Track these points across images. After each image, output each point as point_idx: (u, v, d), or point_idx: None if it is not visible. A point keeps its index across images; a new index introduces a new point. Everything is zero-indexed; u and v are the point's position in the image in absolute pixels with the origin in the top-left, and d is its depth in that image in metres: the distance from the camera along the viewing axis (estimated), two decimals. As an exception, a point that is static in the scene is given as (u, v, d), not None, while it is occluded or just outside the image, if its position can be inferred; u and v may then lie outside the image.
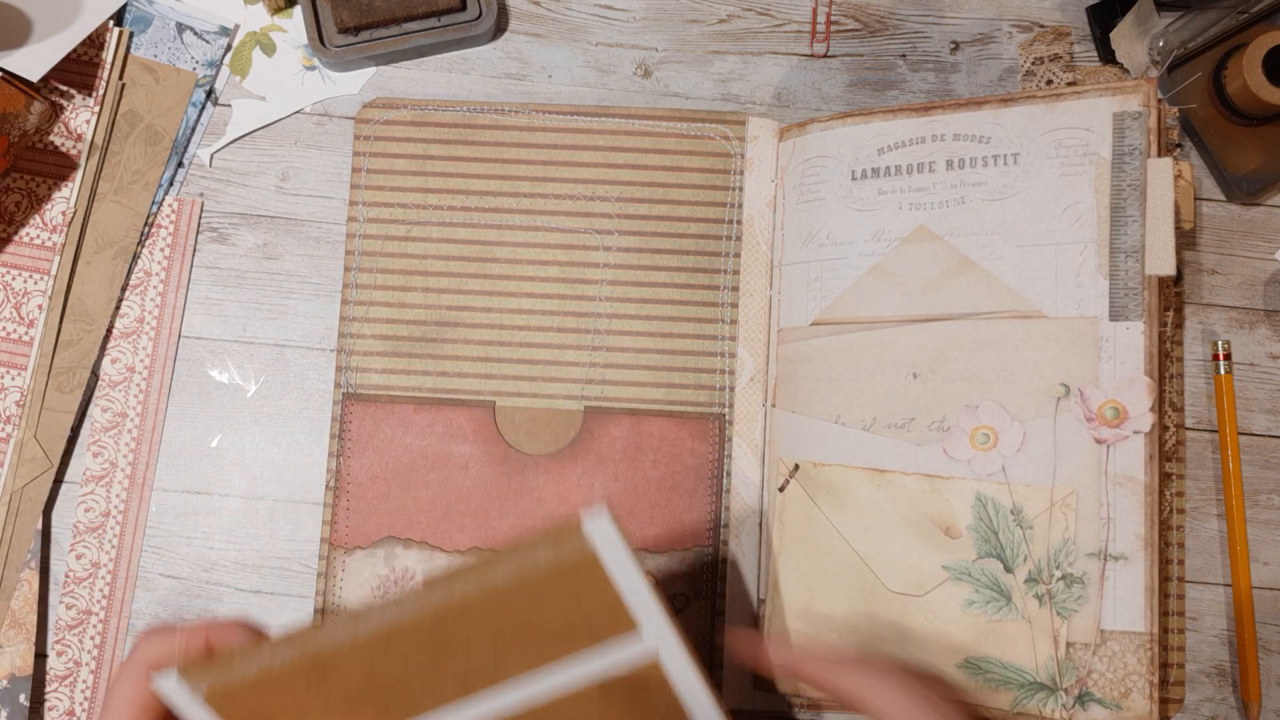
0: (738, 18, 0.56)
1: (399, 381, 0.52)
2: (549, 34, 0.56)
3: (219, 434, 0.53)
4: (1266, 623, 0.51)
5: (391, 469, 0.51)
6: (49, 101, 0.53)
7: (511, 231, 0.53)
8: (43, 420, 0.51)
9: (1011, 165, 0.49)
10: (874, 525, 0.48)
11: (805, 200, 0.52)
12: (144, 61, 0.54)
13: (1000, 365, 0.47)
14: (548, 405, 0.52)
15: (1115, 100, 0.47)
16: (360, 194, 0.53)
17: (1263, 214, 0.54)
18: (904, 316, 0.49)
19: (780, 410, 0.51)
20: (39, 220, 0.53)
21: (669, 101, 0.55)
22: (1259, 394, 0.53)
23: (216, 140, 0.55)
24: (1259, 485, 0.52)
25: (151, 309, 0.53)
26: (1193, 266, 0.54)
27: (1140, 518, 0.45)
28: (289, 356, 0.53)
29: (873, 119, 0.51)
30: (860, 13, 0.56)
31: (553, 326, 0.53)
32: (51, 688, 0.50)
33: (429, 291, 0.53)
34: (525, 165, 0.53)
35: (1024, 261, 0.48)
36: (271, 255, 0.54)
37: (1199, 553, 0.52)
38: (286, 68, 0.55)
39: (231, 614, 0.40)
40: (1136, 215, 0.47)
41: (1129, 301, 0.46)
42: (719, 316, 0.53)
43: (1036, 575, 0.46)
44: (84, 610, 0.51)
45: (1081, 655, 0.45)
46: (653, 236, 0.53)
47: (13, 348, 0.52)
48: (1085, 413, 0.46)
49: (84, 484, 0.52)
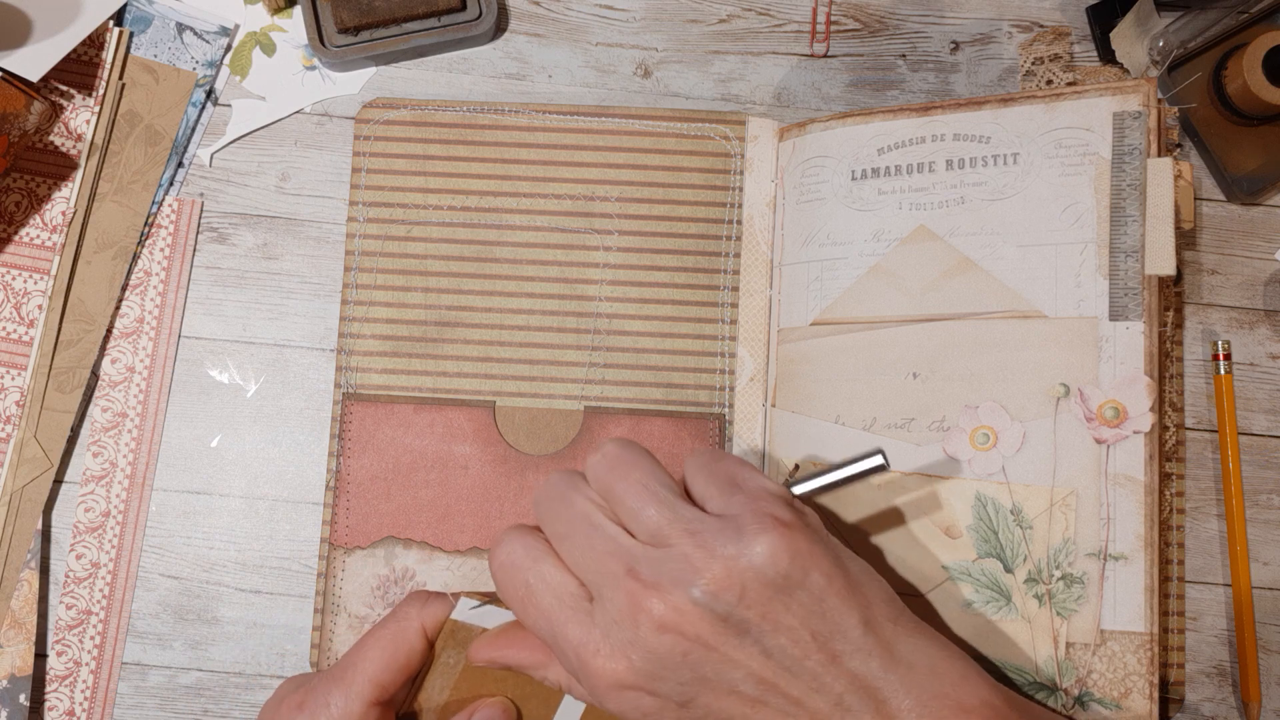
0: (738, 18, 0.56)
1: (399, 381, 0.52)
2: (549, 34, 0.56)
3: (219, 434, 0.53)
4: (1266, 623, 0.51)
5: (391, 469, 0.51)
6: (49, 101, 0.53)
7: (511, 231, 0.53)
8: (43, 420, 0.51)
9: (1011, 165, 0.49)
10: (874, 525, 0.48)
11: (805, 200, 0.52)
12: (144, 61, 0.54)
13: (1000, 365, 0.47)
14: (548, 405, 0.52)
15: (1115, 100, 0.47)
16: (360, 194, 0.53)
17: (1263, 214, 0.54)
18: (904, 316, 0.49)
19: (780, 410, 0.51)
20: (39, 220, 0.53)
21: (669, 101, 0.55)
22: (1259, 394, 0.53)
23: (216, 140, 0.55)
24: (1259, 485, 0.52)
25: (151, 309, 0.53)
26: (1193, 266, 0.54)
27: (1140, 518, 0.45)
28: (289, 356, 0.53)
29: (873, 119, 0.51)
30: (860, 13, 0.56)
31: (553, 326, 0.53)
32: (51, 688, 0.50)
33: (429, 291, 0.53)
34: (525, 165, 0.53)
35: (1024, 261, 0.48)
36: (271, 255, 0.54)
37: (1199, 553, 0.52)
38: (286, 68, 0.55)
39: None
40: (1136, 215, 0.47)
41: (1129, 301, 0.46)
42: (719, 316, 0.53)
43: (1036, 575, 0.46)
44: (84, 610, 0.51)
45: (1081, 655, 0.45)
46: (653, 236, 0.53)
47: (13, 348, 0.52)
48: (1085, 413, 0.46)
49: (84, 484, 0.52)
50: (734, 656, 0.35)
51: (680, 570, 0.35)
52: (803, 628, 0.35)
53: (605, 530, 0.36)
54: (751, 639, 0.35)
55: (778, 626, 0.35)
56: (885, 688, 0.35)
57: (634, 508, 0.36)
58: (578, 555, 0.37)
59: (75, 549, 0.51)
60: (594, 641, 0.35)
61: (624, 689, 0.35)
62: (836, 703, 0.35)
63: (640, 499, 0.37)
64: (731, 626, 0.35)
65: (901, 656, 0.36)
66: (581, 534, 0.37)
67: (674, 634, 0.34)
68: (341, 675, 0.40)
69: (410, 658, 0.40)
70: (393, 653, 0.40)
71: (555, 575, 0.37)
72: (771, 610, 0.35)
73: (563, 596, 0.36)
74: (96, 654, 0.51)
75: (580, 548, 0.37)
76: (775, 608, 0.35)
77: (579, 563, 0.37)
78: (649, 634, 0.34)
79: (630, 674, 0.35)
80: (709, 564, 0.34)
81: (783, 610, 0.35)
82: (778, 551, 0.35)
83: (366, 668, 0.40)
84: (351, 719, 0.39)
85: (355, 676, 0.39)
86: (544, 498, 0.39)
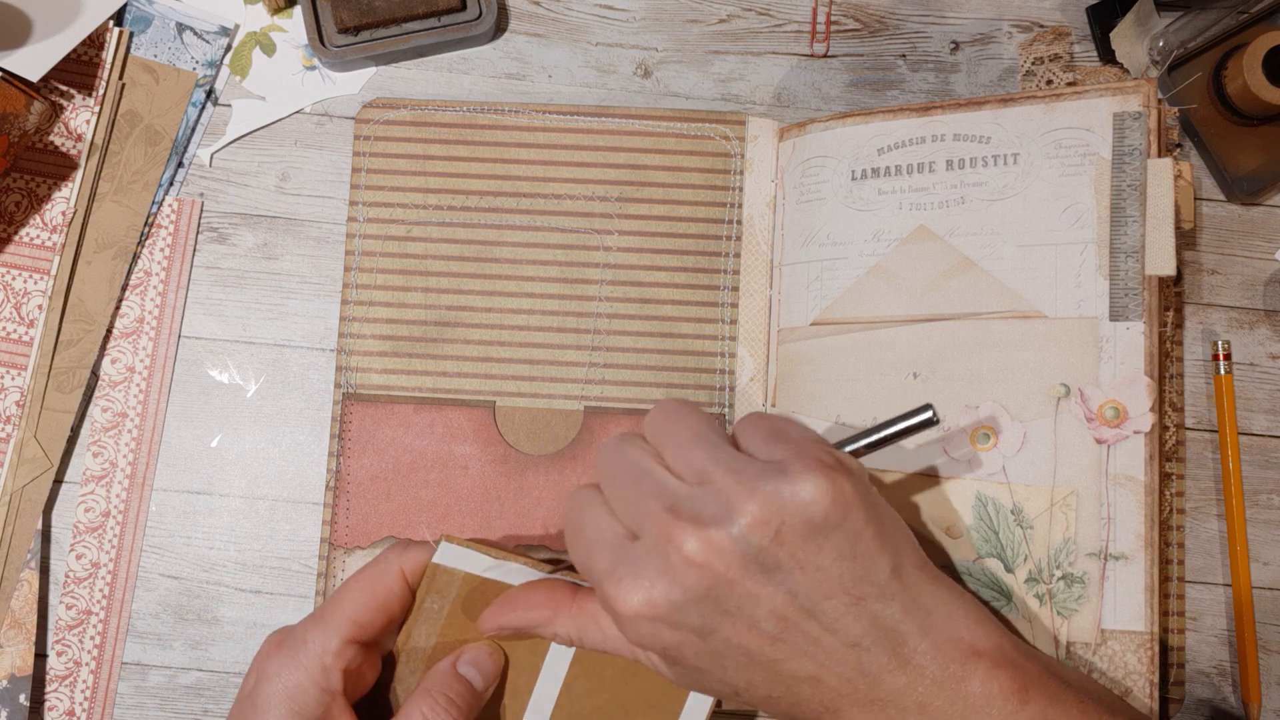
0: (738, 18, 0.56)
1: (399, 381, 0.52)
2: (549, 34, 0.56)
3: (219, 434, 0.53)
4: (1266, 623, 0.51)
5: (391, 469, 0.51)
6: (49, 101, 0.53)
7: (511, 231, 0.53)
8: (43, 420, 0.51)
9: (1011, 165, 0.49)
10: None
11: (805, 200, 0.52)
12: (144, 61, 0.54)
13: (1000, 365, 0.47)
14: (547, 405, 0.52)
15: (1115, 100, 0.47)
16: (360, 194, 0.53)
17: (1263, 214, 0.54)
18: (904, 316, 0.49)
19: (780, 410, 0.51)
20: (39, 220, 0.53)
21: (669, 101, 0.55)
22: (1259, 394, 0.53)
23: (216, 140, 0.55)
24: (1259, 485, 0.52)
25: (151, 309, 0.53)
26: (1193, 266, 0.54)
27: (1140, 518, 0.45)
28: (289, 356, 0.53)
29: (873, 119, 0.51)
30: (860, 13, 0.56)
31: (553, 326, 0.53)
32: (51, 688, 0.50)
33: (429, 291, 0.53)
34: (525, 165, 0.53)
35: (1024, 261, 0.48)
36: (271, 255, 0.54)
37: (1199, 553, 0.52)
38: (286, 68, 0.55)
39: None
40: (1136, 215, 0.47)
41: (1129, 301, 0.46)
42: (719, 316, 0.53)
43: (1037, 575, 0.46)
44: (84, 610, 0.51)
45: (1082, 655, 0.45)
46: (653, 236, 0.53)
47: (13, 348, 0.52)
48: (1085, 413, 0.46)
49: (84, 484, 0.52)
50: (757, 593, 0.35)
51: (718, 506, 0.35)
52: (832, 568, 0.36)
53: (653, 474, 0.37)
54: (779, 577, 0.35)
55: (805, 566, 0.35)
56: (904, 630, 0.36)
57: (682, 451, 0.37)
58: (624, 498, 0.38)
59: (75, 549, 0.51)
60: (621, 571, 0.36)
61: (645, 619, 0.36)
62: (854, 644, 0.36)
63: (689, 443, 0.37)
64: (760, 564, 0.35)
65: (921, 603, 0.37)
66: (630, 477, 0.38)
67: (700, 568, 0.35)
68: (320, 615, 0.41)
69: (389, 599, 0.41)
70: (371, 593, 0.41)
71: (603, 518, 0.38)
72: (803, 550, 0.35)
73: (604, 533, 0.37)
74: (96, 654, 0.51)
75: (627, 490, 0.38)
76: (809, 548, 0.35)
77: (624, 506, 0.38)
78: (679, 566, 0.35)
79: (652, 606, 0.36)
80: (747, 501, 0.35)
81: (815, 551, 0.35)
82: (820, 492, 0.35)
83: (345, 606, 0.40)
84: (328, 654, 0.39)
85: (333, 614, 0.40)
86: (602, 452, 0.40)
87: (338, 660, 0.39)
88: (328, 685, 0.39)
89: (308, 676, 0.39)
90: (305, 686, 0.39)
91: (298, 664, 0.39)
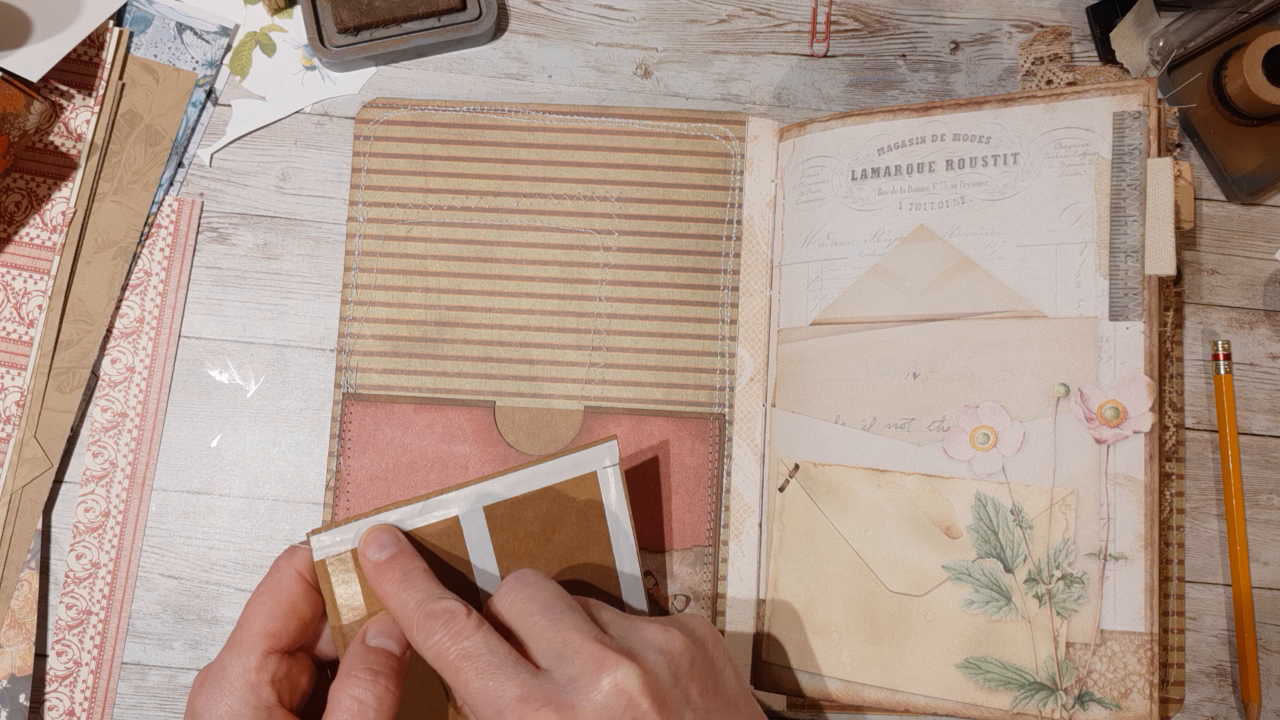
0: (738, 18, 0.56)
1: (399, 381, 0.52)
2: (549, 34, 0.56)
3: (219, 434, 0.53)
4: (1266, 623, 0.51)
5: (391, 469, 0.51)
6: (49, 101, 0.53)
7: (511, 231, 0.53)
8: (43, 420, 0.51)
9: (1011, 165, 0.49)
10: (874, 525, 0.48)
11: (805, 200, 0.52)
12: (144, 61, 0.54)
13: (1000, 365, 0.47)
14: (547, 405, 0.52)
15: (1115, 100, 0.47)
16: (360, 194, 0.53)
17: (1263, 214, 0.54)
18: (904, 316, 0.49)
19: (780, 410, 0.51)
20: (39, 220, 0.53)
21: (669, 101, 0.55)
22: (1259, 394, 0.53)
23: (216, 140, 0.55)
24: (1259, 485, 0.52)
25: (151, 309, 0.53)
26: (1193, 266, 0.54)
27: (1140, 518, 0.45)
28: (289, 356, 0.53)
29: (873, 119, 0.51)
30: (860, 13, 0.56)
31: (552, 326, 0.53)
32: (51, 688, 0.50)
33: (429, 291, 0.53)
34: (525, 165, 0.53)
35: (1024, 261, 0.48)
36: (271, 255, 0.54)
37: (1199, 553, 0.52)
38: (286, 68, 0.55)
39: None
40: (1136, 215, 0.47)
41: (1129, 301, 0.46)
42: (719, 316, 0.53)
43: (1036, 575, 0.46)
44: (84, 610, 0.51)
45: (1081, 655, 0.45)
46: (653, 236, 0.53)
47: (13, 348, 0.52)
48: (1085, 413, 0.46)
49: (84, 484, 0.52)
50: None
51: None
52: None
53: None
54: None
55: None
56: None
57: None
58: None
59: (75, 549, 0.51)
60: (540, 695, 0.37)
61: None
62: None
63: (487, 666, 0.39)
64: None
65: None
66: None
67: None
68: (232, 639, 0.41)
69: (294, 603, 0.41)
70: (274, 602, 0.41)
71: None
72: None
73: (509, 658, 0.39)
74: (96, 654, 0.51)
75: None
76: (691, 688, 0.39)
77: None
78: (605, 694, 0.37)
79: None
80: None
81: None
82: (610, 697, 0.37)
83: (253, 622, 0.41)
84: (250, 672, 0.39)
85: (244, 634, 0.40)
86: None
87: (261, 675, 0.40)
88: (259, 701, 0.39)
89: (238, 699, 0.39)
90: (237, 709, 0.39)
91: (224, 692, 0.39)
